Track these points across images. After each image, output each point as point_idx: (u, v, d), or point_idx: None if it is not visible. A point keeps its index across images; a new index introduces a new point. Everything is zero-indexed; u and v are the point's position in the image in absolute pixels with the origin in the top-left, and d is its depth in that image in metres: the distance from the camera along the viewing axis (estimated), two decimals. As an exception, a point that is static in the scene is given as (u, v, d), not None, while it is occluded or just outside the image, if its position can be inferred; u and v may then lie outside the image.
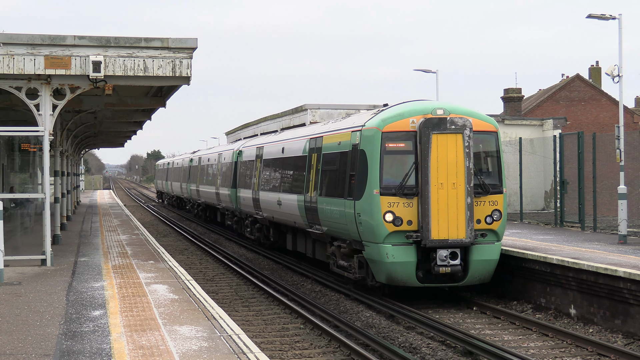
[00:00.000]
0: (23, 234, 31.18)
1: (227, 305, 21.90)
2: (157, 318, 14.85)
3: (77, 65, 21.80)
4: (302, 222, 27.71)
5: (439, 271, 20.77)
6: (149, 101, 31.46)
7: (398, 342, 17.86)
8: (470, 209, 20.85)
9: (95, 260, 24.22)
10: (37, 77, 21.93)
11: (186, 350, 12.26)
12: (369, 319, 20.45)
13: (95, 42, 21.85)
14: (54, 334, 13.47)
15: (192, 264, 31.54)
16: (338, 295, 24.00)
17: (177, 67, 22.12)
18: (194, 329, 13.92)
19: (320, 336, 18.58)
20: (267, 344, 17.44)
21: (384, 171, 21.24)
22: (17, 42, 21.55)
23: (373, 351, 16.69)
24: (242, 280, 27.51)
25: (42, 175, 24.06)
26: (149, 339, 13.08)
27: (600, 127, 63.51)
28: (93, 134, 51.83)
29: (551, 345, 17.61)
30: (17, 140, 34.32)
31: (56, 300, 16.89)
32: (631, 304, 18.17)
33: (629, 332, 18.23)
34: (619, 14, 27.39)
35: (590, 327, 19.08)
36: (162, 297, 17.33)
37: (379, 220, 20.98)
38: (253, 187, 35.27)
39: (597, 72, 77.85)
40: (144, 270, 21.82)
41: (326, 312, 20.65)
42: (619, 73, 27.20)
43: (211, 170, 48.90)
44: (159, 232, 46.50)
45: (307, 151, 27.53)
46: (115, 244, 29.61)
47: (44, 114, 22.17)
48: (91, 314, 15.32)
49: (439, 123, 20.89)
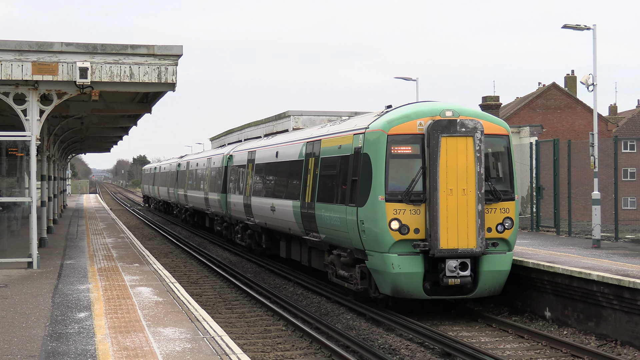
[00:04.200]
0: (10, 237, 30.99)
1: (210, 308, 21.87)
2: (141, 320, 14.81)
3: (64, 72, 21.75)
4: (297, 229, 26.04)
5: (448, 282, 19.11)
6: (135, 107, 31.39)
7: (378, 343, 17.87)
8: (481, 216, 19.19)
9: (81, 263, 24.14)
10: (24, 82, 21.85)
11: (170, 352, 12.24)
12: (350, 321, 20.46)
13: (82, 49, 21.83)
14: (40, 336, 13.41)
15: (177, 267, 31.48)
16: (319, 298, 24.00)
17: (162, 74, 22.09)
18: (178, 330, 13.89)
19: (302, 338, 18.57)
20: (250, 346, 17.42)
21: (390, 176, 19.43)
22: (4, 49, 21.50)
23: (353, 352, 16.69)
24: (226, 283, 27.48)
25: (29, 180, 24.01)
26: (133, 340, 13.05)
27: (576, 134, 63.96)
28: (80, 139, 51.66)
29: (526, 347, 17.68)
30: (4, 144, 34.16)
31: (42, 302, 16.82)
32: (604, 307, 18.27)
33: (602, 334, 18.32)
34: (593, 24, 27.55)
35: (564, 329, 19.16)
36: (146, 299, 17.28)
37: (384, 229, 19.22)
38: (244, 193, 33.78)
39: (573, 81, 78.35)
40: (129, 273, 21.76)
41: (308, 315, 20.64)
42: (594, 82, 27.36)
43: (200, 175, 47.65)
44: (144, 236, 46.41)
45: (303, 155, 25.72)
46: (101, 247, 29.51)
47: (31, 119, 22.09)
48: (76, 315, 15.26)
49: (449, 125, 19.23)
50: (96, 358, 11.78)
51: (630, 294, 17.51)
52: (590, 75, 27.38)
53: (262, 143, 34.10)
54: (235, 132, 62.51)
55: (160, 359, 11.77)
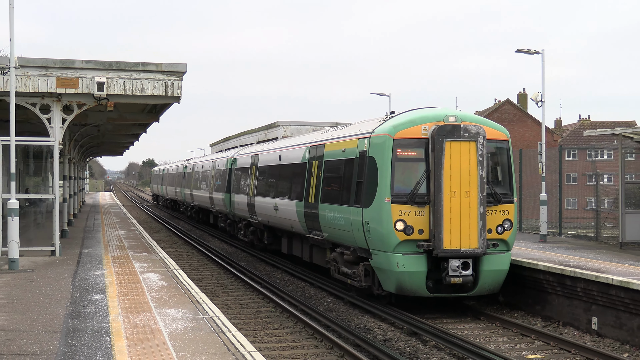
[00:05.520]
0: (36, 229, 30.96)
1: (209, 291, 21.85)
2: (149, 302, 14.80)
3: (83, 85, 21.74)
4: (300, 228, 24.46)
5: (450, 281, 17.75)
6: (144, 116, 31.33)
7: (354, 323, 17.91)
8: (482, 218, 17.79)
9: (97, 251, 24.08)
10: (49, 94, 21.85)
11: (174, 329, 12.24)
12: (330, 304, 20.48)
13: (100, 66, 21.83)
14: (61, 314, 13.39)
15: (180, 256, 31.42)
16: (304, 284, 24.00)
17: (169, 88, 22.08)
18: (181, 311, 13.89)
19: (288, 318, 18.58)
20: (243, 325, 17.42)
21: (395, 179, 18.00)
22: (32, 65, 21.52)
23: (332, 331, 16.72)
24: (222, 270, 27.45)
25: (53, 179, 23.97)
26: (142, 319, 13.04)
27: (526, 144, 64.25)
28: (96, 144, 51.52)
29: (482, 327, 17.73)
30: (32, 148, 34.11)
31: (63, 285, 16.78)
32: (549, 293, 18.38)
33: (547, 316, 18.44)
34: (542, 49, 27.70)
35: (515, 312, 19.24)
36: (153, 283, 17.27)
37: (390, 229, 17.81)
38: (248, 193, 32.10)
39: (524, 98, 78.76)
40: (139, 260, 21.72)
41: (293, 298, 20.65)
42: (542, 99, 27.52)
43: (205, 176, 46.10)
44: (152, 229, 46.27)
45: (306, 158, 24.16)
46: (114, 238, 29.43)
47: (54, 127, 22.06)
48: (93, 297, 15.23)
49: (453, 130, 17.83)
50: (110, 334, 11.77)
51: (571, 281, 17.63)
52: (539, 93, 27.54)
53: (265, 147, 32.70)
54: (232, 139, 62.30)
55: (165, 336, 11.76)
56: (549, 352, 15.46)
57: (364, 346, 15.15)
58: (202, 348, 10.93)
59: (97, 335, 11.73)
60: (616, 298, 16.24)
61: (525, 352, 15.45)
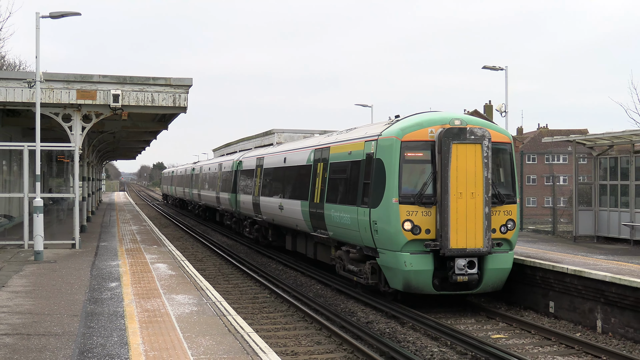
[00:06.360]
0: (58, 224, 30.83)
1: (212, 280, 21.84)
2: (159, 289, 14.78)
3: (101, 97, 21.70)
4: (305, 226, 23.09)
5: (457, 280, 16.50)
6: (155, 125, 31.30)
7: (340, 308, 17.93)
8: (488, 218, 16.52)
9: (112, 244, 24.01)
10: (70, 105, 21.79)
11: (181, 313, 12.23)
12: (319, 291, 20.50)
13: (115, 80, 21.80)
14: (81, 300, 13.36)
15: (186, 249, 31.37)
16: (295, 273, 24.01)
17: (177, 100, 22.05)
18: (187, 297, 13.87)
19: (282, 303, 18.59)
20: (242, 309, 17.42)
21: (403, 180, 16.65)
22: (55, 79, 21.50)
23: (321, 314, 16.74)
24: (224, 261, 27.42)
25: (73, 180, 23.87)
26: (152, 304, 13.02)
27: (492, 149, 64.13)
28: (112, 149, 51.37)
29: (454, 311, 17.76)
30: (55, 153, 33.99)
31: (82, 274, 16.73)
32: (512, 281, 18.42)
33: (511, 301, 18.50)
34: (505, 66, 27.85)
35: (483, 298, 19.27)
36: (162, 273, 17.24)
37: (398, 229, 16.48)
38: (253, 193, 30.75)
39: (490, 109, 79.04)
40: (149, 252, 21.68)
41: (286, 285, 20.67)
42: (506, 109, 27.62)
43: (212, 177, 44.83)
44: (161, 224, 46.19)
45: (311, 161, 22.73)
46: (128, 233, 29.36)
47: (75, 134, 22.00)
48: (109, 285, 15.20)
49: (459, 133, 16.56)
50: (124, 317, 11.76)
51: (531, 270, 17.71)
52: (503, 104, 27.65)
53: (269, 150, 31.36)
54: (232, 144, 62.23)
55: (173, 319, 11.76)
56: (512, 332, 15.53)
57: (349, 327, 15.18)
58: (205, 329, 10.93)
59: (113, 318, 11.72)
60: (570, 285, 16.34)
61: (490, 332, 15.52)
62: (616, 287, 14.96)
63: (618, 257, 19.26)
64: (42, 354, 9.34)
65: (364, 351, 13.12)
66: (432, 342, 14.41)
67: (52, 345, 9.78)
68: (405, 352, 12.89)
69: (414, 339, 14.63)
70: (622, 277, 14.94)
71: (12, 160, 31.65)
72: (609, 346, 14.03)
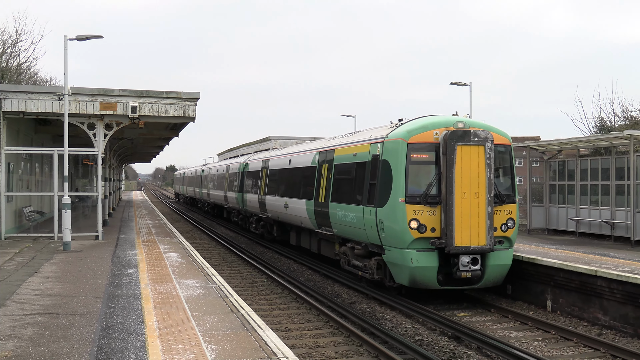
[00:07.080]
0: (84, 219, 30.74)
1: (217, 267, 21.84)
2: (171, 274, 14.79)
3: (121, 108, 21.70)
4: (309, 224, 21.75)
5: (461, 276, 15.34)
6: (168, 132, 31.25)
7: (327, 291, 17.98)
8: (490, 217, 15.29)
9: (130, 236, 23.97)
10: (94, 115, 21.76)
11: (190, 295, 12.25)
12: (309, 276, 20.54)
13: (133, 94, 21.80)
14: (103, 284, 13.36)
15: (195, 240, 31.33)
16: (289, 261, 24.04)
17: (186, 110, 22.06)
18: (195, 281, 13.90)
19: (278, 286, 18.63)
20: (243, 291, 17.44)
21: (409, 180, 15.35)
22: (81, 93, 21.48)
23: (312, 296, 16.78)
24: (227, 251, 27.41)
25: (97, 180, 23.83)
26: (165, 287, 13.04)
27: (459, 154, 64.17)
28: (130, 153, 51.22)
29: (426, 294, 17.80)
30: (81, 157, 33.84)
31: (105, 262, 16.72)
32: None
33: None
34: (469, 82, 28.00)
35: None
36: (174, 261, 17.24)
37: (405, 227, 15.19)
38: (259, 192, 29.30)
39: (457, 119, 78.96)
40: (163, 243, 21.66)
41: (281, 271, 20.70)
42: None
43: (220, 178, 43.72)
44: (173, 219, 46.07)
45: (316, 162, 21.35)
46: (144, 226, 29.30)
47: (98, 140, 21.97)
48: (128, 271, 15.20)
49: (464, 135, 15.30)
50: (141, 299, 11.77)
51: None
52: (467, 115, 27.61)
53: (274, 153, 29.98)
54: (234, 149, 62.21)
55: (183, 300, 11.78)
56: (474, 311, 15.62)
57: (335, 307, 15.23)
58: (211, 309, 10.97)
59: (131, 299, 11.73)
60: (525, 270, 16.45)
61: (456, 311, 15.61)
62: (564, 272, 15.10)
63: (565, 247, 19.42)
64: (70, 330, 9.36)
65: (347, 327, 13.20)
66: (406, 320, 14.50)
67: (78, 323, 9.80)
68: (383, 328, 12.96)
69: (391, 317, 14.72)
70: (569, 263, 15.08)
71: (44, 163, 31.54)
72: (557, 322, 14.16)
